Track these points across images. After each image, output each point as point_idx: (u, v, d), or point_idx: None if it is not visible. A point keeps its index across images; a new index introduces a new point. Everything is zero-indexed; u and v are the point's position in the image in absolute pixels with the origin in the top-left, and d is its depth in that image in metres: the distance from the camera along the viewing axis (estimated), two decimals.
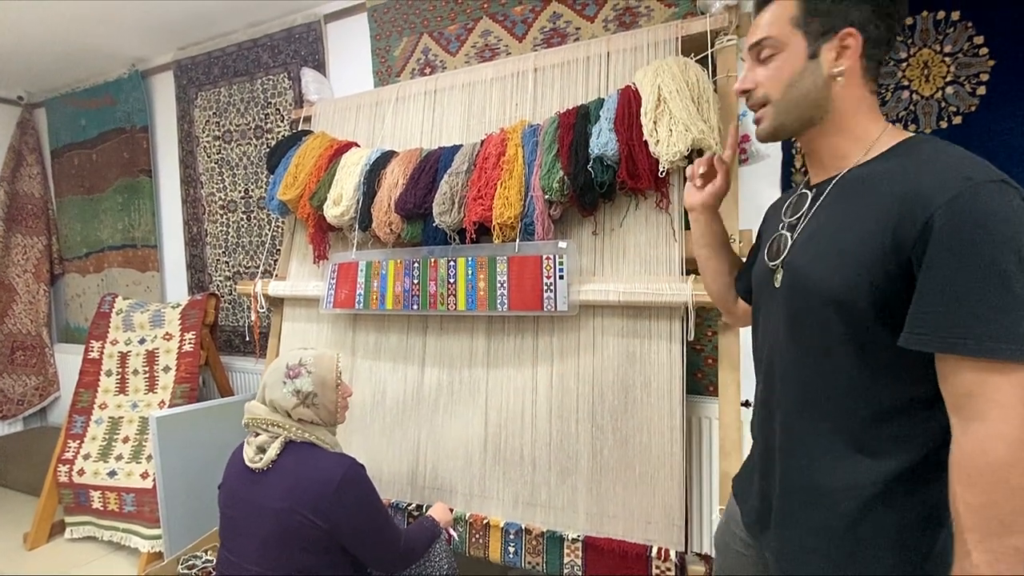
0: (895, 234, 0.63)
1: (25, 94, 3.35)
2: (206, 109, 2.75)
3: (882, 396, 0.68)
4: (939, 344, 0.61)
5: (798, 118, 0.76)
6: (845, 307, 0.68)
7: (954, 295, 0.59)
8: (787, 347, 0.77)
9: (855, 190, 0.71)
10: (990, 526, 0.58)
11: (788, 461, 0.77)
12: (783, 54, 0.75)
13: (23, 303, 3.31)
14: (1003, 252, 0.58)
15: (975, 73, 1.40)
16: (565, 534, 1.49)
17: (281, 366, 1.20)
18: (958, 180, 0.62)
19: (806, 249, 0.75)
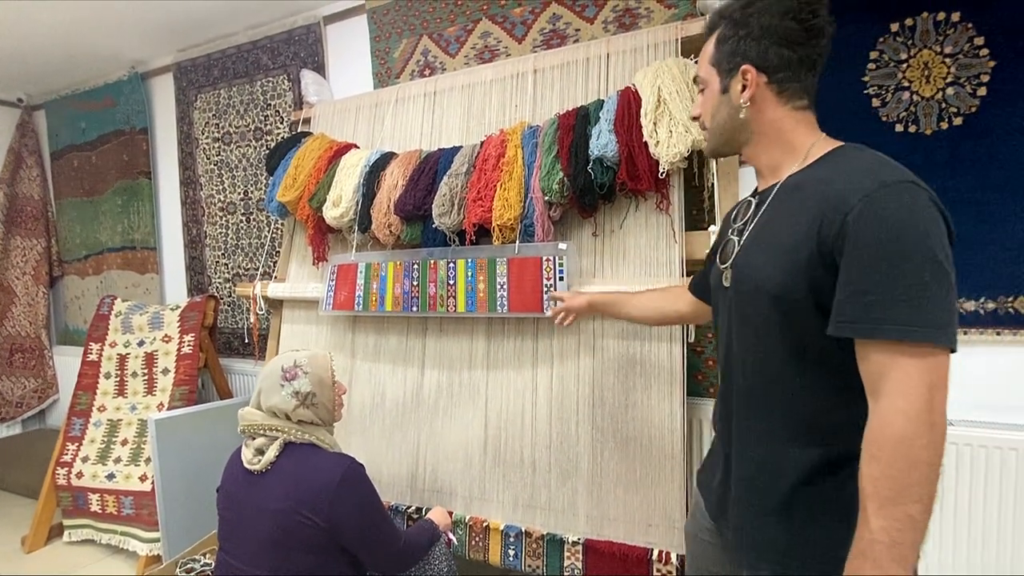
0: (820, 232, 0.69)
1: (25, 96, 3.35)
2: (206, 111, 2.75)
3: (819, 386, 0.74)
4: (857, 331, 0.66)
5: (727, 141, 0.87)
6: (785, 302, 0.74)
7: (869, 286, 0.65)
8: (738, 342, 0.83)
9: (792, 195, 0.78)
10: (888, 495, 0.62)
11: (741, 450, 0.83)
12: (708, 89, 0.86)
13: (22, 305, 3.31)
14: (911, 246, 0.64)
15: (976, 74, 1.40)
16: (565, 537, 1.48)
17: (276, 370, 1.19)
18: (872, 182, 0.67)
19: (751, 250, 0.82)
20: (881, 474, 0.63)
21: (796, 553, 0.76)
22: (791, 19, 0.77)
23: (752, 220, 0.84)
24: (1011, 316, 1.41)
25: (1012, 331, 1.41)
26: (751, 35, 0.79)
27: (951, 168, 1.43)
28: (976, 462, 1.38)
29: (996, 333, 1.42)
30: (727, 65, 0.82)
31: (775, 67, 0.79)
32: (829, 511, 0.74)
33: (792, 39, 0.78)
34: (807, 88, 0.81)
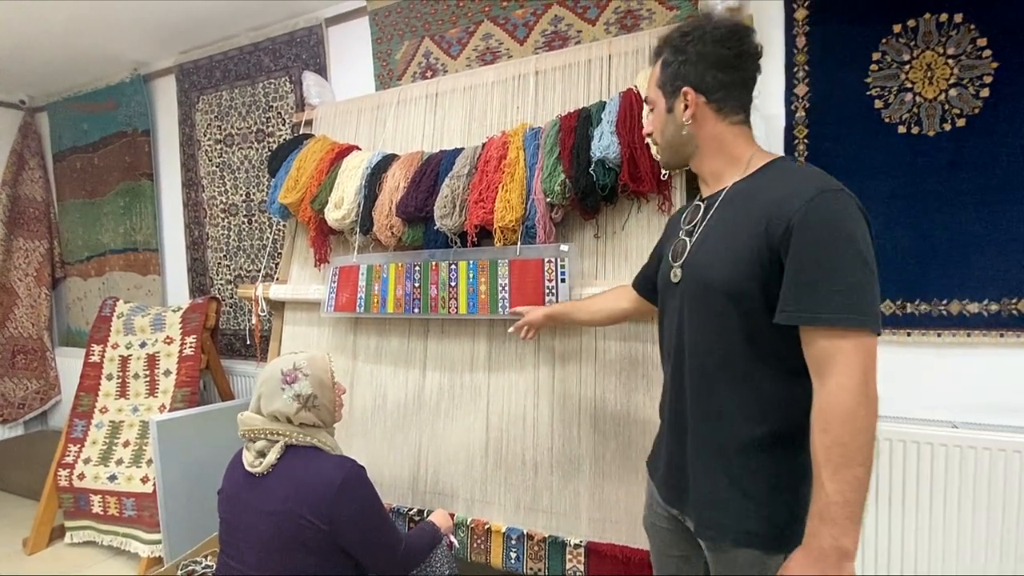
0: (767, 233, 0.79)
1: (27, 98, 3.36)
2: (208, 113, 2.75)
3: (768, 369, 0.83)
4: (799, 318, 0.76)
5: (675, 155, 0.96)
6: (736, 295, 0.82)
7: (810, 280, 0.75)
8: (690, 333, 0.90)
9: (738, 200, 0.88)
10: (839, 460, 0.72)
11: (698, 431, 0.90)
12: (656, 109, 0.96)
13: (24, 307, 3.31)
14: (844, 245, 0.74)
15: (979, 75, 1.40)
16: (567, 539, 1.48)
17: (275, 373, 1.18)
18: (811, 189, 0.78)
19: (702, 250, 0.90)
20: (832, 443, 0.72)
21: (754, 522, 0.83)
22: (723, 47, 0.87)
23: (701, 223, 0.93)
24: (1015, 318, 1.40)
25: (1016, 333, 1.40)
26: (689, 60, 0.89)
27: (954, 170, 1.43)
28: (980, 465, 1.38)
29: (1000, 335, 1.41)
30: (670, 88, 0.92)
31: (712, 88, 0.89)
32: (782, 480, 0.82)
33: (725, 63, 0.88)
34: (743, 105, 0.91)
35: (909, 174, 1.47)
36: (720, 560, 0.88)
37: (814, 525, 0.74)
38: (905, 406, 1.51)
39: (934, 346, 1.48)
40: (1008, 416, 1.42)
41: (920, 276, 1.48)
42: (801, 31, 1.57)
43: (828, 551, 0.72)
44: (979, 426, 1.42)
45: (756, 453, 0.84)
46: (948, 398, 1.47)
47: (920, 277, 1.48)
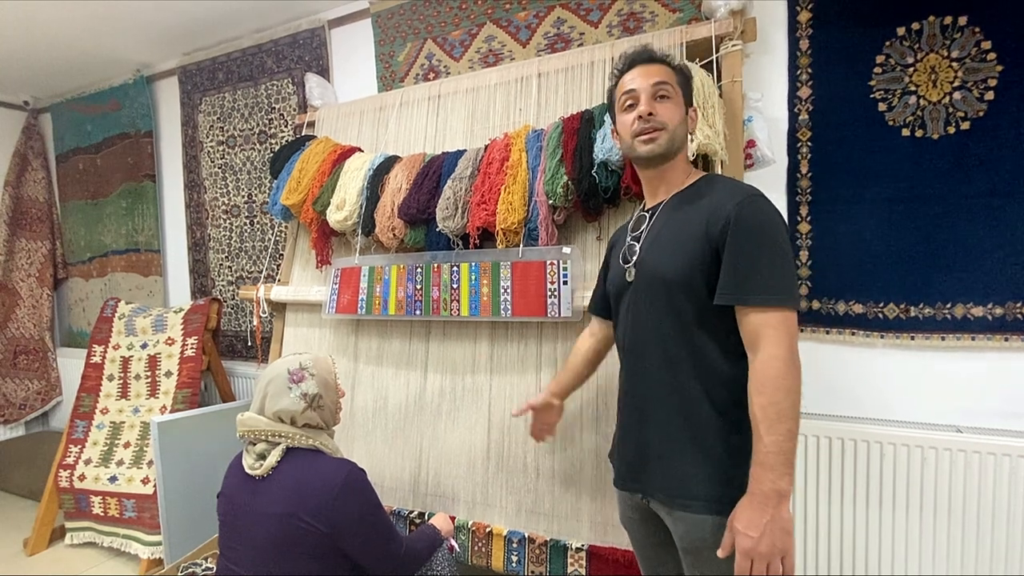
0: (707, 231, 0.94)
1: (31, 99, 3.37)
2: (210, 114, 2.76)
3: (718, 349, 0.95)
4: (735, 299, 0.90)
5: (675, 148, 1.04)
6: (686, 286, 0.96)
7: (742, 266, 0.90)
8: (648, 322, 1.01)
9: (680, 207, 1.03)
10: (773, 417, 0.84)
11: (664, 406, 0.99)
12: (673, 101, 1.04)
13: (26, 307, 3.32)
14: (769, 238, 0.90)
15: (983, 78, 1.40)
16: (569, 543, 1.47)
17: (282, 372, 1.18)
18: (740, 194, 0.94)
19: (652, 251, 1.03)
20: (767, 403, 0.85)
21: (721, 488, 0.92)
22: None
23: (648, 228, 1.07)
24: (1019, 321, 1.39)
25: (1020, 337, 1.39)
26: (690, 91, 1.10)
27: (958, 173, 1.42)
28: (985, 469, 1.37)
29: (1004, 339, 1.41)
30: (687, 98, 1.07)
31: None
32: (745, 448, 0.90)
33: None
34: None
35: (913, 177, 1.47)
36: (689, 530, 0.95)
37: (756, 473, 0.85)
38: (909, 410, 1.51)
39: (938, 350, 1.48)
40: (1013, 421, 1.41)
41: (924, 279, 1.47)
42: (804, 34, 1.57)
43: (769, 493, 0.83)
44: (984, 430, 1.42)
45: (716, 425, 0.94)
46: (952, 402, 1.47)
47: (924, 280, 1.47)
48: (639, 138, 1.04)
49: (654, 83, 1.03)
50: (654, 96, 1.03)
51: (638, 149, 1.04)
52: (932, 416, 1.48)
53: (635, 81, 1.04)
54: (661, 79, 1.03)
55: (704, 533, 0.93)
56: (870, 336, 1.53)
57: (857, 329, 1.54)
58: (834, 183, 1.54)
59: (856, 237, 1.53)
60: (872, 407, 1.54)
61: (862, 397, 1.55)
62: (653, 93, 1.03)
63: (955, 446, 1.39)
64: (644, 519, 1.09)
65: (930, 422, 1.48)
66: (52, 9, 2.28)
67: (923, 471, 1.42)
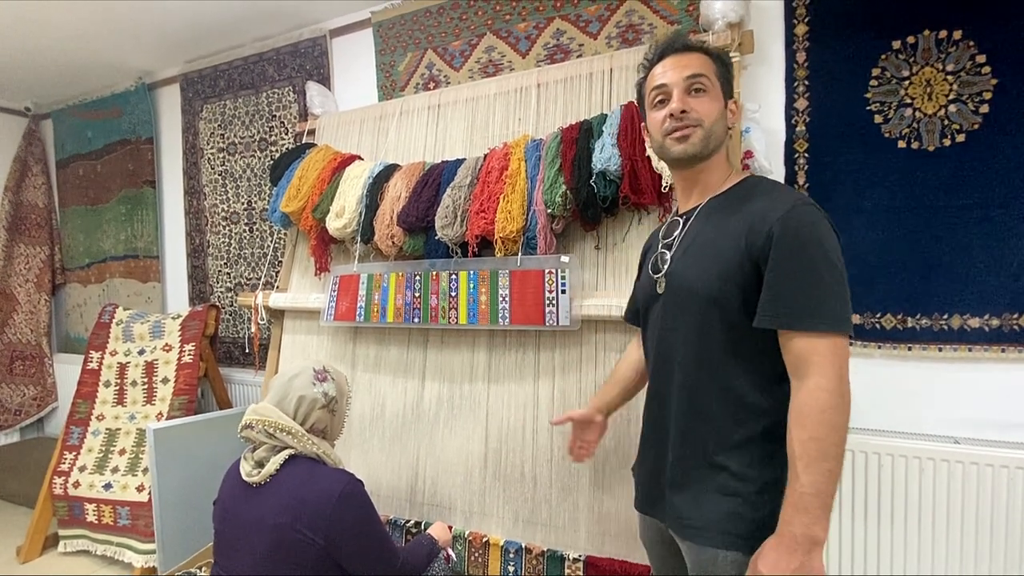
0: (747, 243, 0.84)
1: (32, 105, 3.38)
2: (211, 121, 2.77)
3: (748, 373, 0.86)
4: (778, 323, 0.81)
5: (711, 147, 0.94)
6: (719, 302, 0.86)
7: (789, 286, 0.80)
8: (674, 338, 0.93)
9: (717, 214, 0.93)
10: (814, 454, 0.76)
11: (683, 430, 0.91)
12: (711, 93, 0.93)
13: (24, 312, 3.31)
14: (819, 254, 0.80)
15: (978, 91, 1.41)
16: (566, 553, 1.46)
17: (307, 369, 1.21)
18: (787, 203, 0.84)
19: (683, 261, 0.94)
20: (808, 438, 0.76)
21: (740, 524, 0.85)
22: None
23: (680, 236, 0.97)
24: (1016, 333, 1.40)
25: (1017, 348, 1.40)
26: (730, 80, 0.97)
27: (954, 185, 1.43)
28: (983, 481, 1.37)
29: (1001, 350, 1.41)
30: (727, 89, 0.96)
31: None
32: (767, 482, 0.84)
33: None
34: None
35: (909, 188, 1.47)
36: (700, 562, 0.89)
37: (788, 514, 0.77)
38: (906, 421, 1.50)
39: (935, 361, 1.48)
40: (1010, 432, 1.41)
41: (921, 291, 1.48)
42: (801, 46, 1.58)
43: (800, 538, 0.75)
44: (981, 442, 1.41)
45: (739, 456, 0.86)
46: (950, 413, 1.47)
47: (921, 292, 1.48)
48: (671, 136, 0.93)
49: (687, 76, 0.92)
50: (688, 90, 0.92)
51: (670, 149, 0.94)
52: (929, 427, 1.48)
53: (666, 75, 0.94)
54: (696, 71, 0.92)
55: (715, 568, 0.86)
56: (867, 347, 1.53)
57: (854, 340, 1.54)
58: (831, 194, 1.55)
59: (853, 248, 1.53)
60: (869, 418, 1.54)
61: (859, 408, 1.55)
62: (687, 87, 0.92)
63: (952, 457, 1.39)
64: (662, 541, 1.02)
65: (927, 433, 1.48)
66: (55, 16, 2.30)
67: (920, 482, 1.42)
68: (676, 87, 0.92)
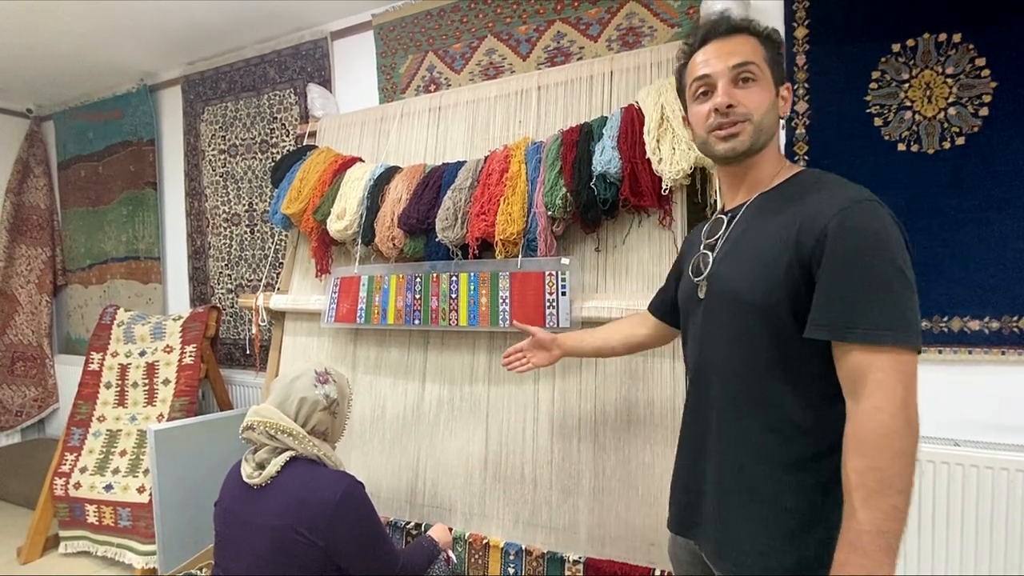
0: (797, 245, 0.75)
1: (34, 107, 3.39)
2: (212, 123, 2.78)
3: (798, 386, 0.77)
4: (834, 333, 0.71)
5: (761, 142, 0.85)
6: (765, 310, 0.78)
7: (844, 292, 0.70)
8: (715, 350, 0.85)
9: (765, 212, 0.83)
10: (873, 487, 0.66)
11: (723, 450, 0.84)
12: (760, 84, 0.84)
13: (25, 314, 3.31)
14: (881, 257, 0.70)
15: (978, 94, 1.41)
16: (566, 555, 1.47)
17: (309, 371, 1.21)
18: (843, 199, 0.73)
19: (727, 263, 0.85)
20: (866, 467, 0.66)
21: (783, 558, 0.77)
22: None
23: (724, 236, 0.88)
24: (1016, 335, 1.40)
25: (1017, 351, 1.40)
26: (781, 62, 0.86)
27: (953, 187, 1.44)
28: (983, 483, 1.37)
29: (1001, 353, 1.41)
30: (778, 74, 0.86)
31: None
32: (814, 513, 0.76)
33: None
34: None
35: (909, 191, 1.48)
36: None
37: (843, 555, 0.67)
38: None
39: (935, 363, 1.48)
40: (1010, 435, 1.41)
41: (921, 293, 1.46)
42: (801, 49, 1.59)
43: None
44: (981, 444, 1.41)
45: (785, 482, 0.77)
46: (949, 416, 1.47)
47: (921, 294, 1.46)
48: (716, 134, 0.84)
49: (734, 65, 0.82)
50: (735, 81, 0.83)
51: (715, 147, 0.85)
52: (929, 429, 1.48)
53: (710, 64, 0.84)
54: (743, 58, 0.82)
55: None
56: None
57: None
58: None
59: None
60: None
61: None
62: (734, 77, 0.82)
63: (953, 459, 1.39)
64: (693, 562, 0.95)
65: (927, 435, 1.48)
66: (57, 18, 2.31)
67: (920, 484, 1.42)
68: (721, 78, 0.83)
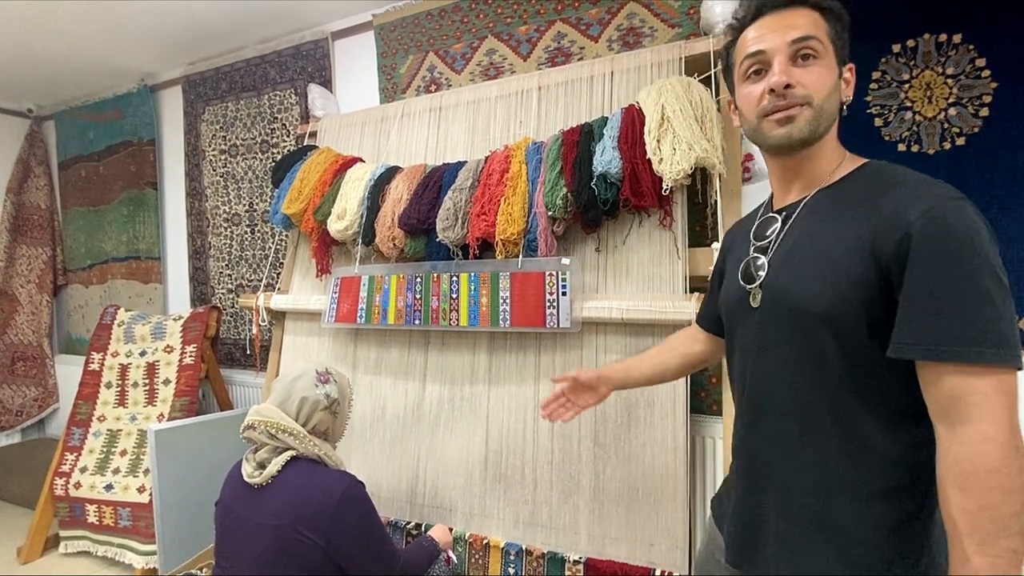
0: (873, 249, 0.66)
1: (35, 107, 3.39)
2: (213, 123, 2.78)
3: (874, 411, 0.69)
4: (925, 352, 0.62)
5: (821, 129, 0.75)
6: (835, 323, 0.69)
7: (936, 304, 0.61)
8: (777, 367, 0.76)
9: (828, 211, 0.74)
10: (987, 529, 0.58)
11: (788, 488, 0.75)
12: (823, 62, 0.74)
13: (25, 313, 3.32)
14: (977, 263, 0.61)
15: (978, 95, 1.41)
16: (566, 555, 1.47)
17: (310, 371, 1.22)
18: (928, 197, 0.65)
19: (785, 269, 0.76)
20: (977, 507, 0.58)
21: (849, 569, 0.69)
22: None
23: (779, 237, 0.78)
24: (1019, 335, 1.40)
25: None
26: (846, 39, 0.77)
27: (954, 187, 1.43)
28: None
29: None
30: (842, 52, 0.76)
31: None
32: (897, 551, 0.68)
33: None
34: None
35: None
36: None
37: None
38: None
39: None
40: None
41: None
42: None
43: None
44: None
45: (864, 516, 0.69)
46: None
47: None
48: (770, 118, 0.75)
49: (793, 40, 0.73)
50: (793, 58, 0.73)
51: (768, 134, 0.76)
52: None
53: (764, 39, 0.74)
54: (804, 32, 0.73)
55: None
56: None
57: None
58: None
59: None
60: None
61: None
62: (792, 54, 0.73)
63: None
64: None
65: None
66: (57, 18, 2.31)
67: None
68: (778, 55, 0.73)
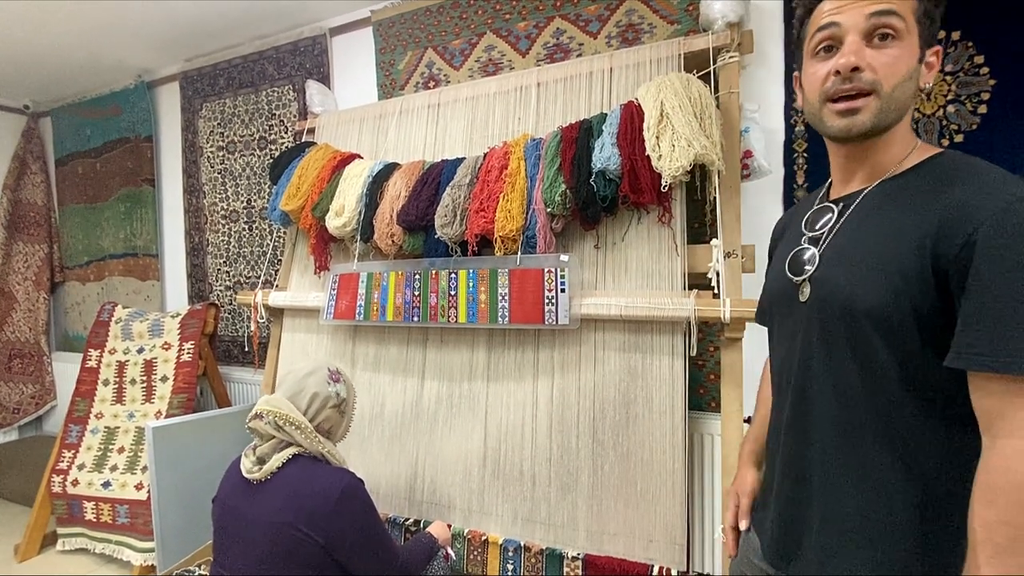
0: (935, 247, 0.62)
1: (31, 103, 3.38)
2: (210, 120, 2.77)
3: (928, 417, 0.66)
4: (982, 363, 0.59)
5: (889, 120, 0.69)
6: (886, 323, 0.65)
7: (997, 313, 0.57)
8: (824, 366, 0.72)
9: (890, 203, 0.69)
10: (1003, 543, 0.56)
11: (829, 484, 0.72)
12: (902, 44, 0.67)
13: (22, 311, 3.30)
14: None
15: (976, 92, 1.41)
16: (565, 552, 1.47)
17: (322, 368, 1.23)
18: (1001, 196, 0.59)
19: (838, 263, 0.72)
20: (997, 520, 0.57)
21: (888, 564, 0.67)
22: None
23: (833, 229, 0.74)
24: None
25: None
26: (936, 19, 0.69)
27: None
28: None
29: None
30: (929, 33, 0.68)
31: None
32: (930, 550, 0.66)
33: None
34: None
35: None
36: None
37: None
38: None
39: None
40: None
41: None
42: None
43: None
44: None
45: (912, 524, 0.66)
46: None
47: None
48: (832, 106, 0.70)
49: (872, 13, 0.66)
50: (869, 36, 0.67)
51: (827, 123, 0.71)
52: None
53: (842, 11, 0.68)
54: (886, 6, 0.66)
55: None
56: None
57: None
58: None
59: None
60: None
61: None
62: (868, 30, 0.67)
63: None
64: None
65: None
66: (54, 14, 2.30)
67: None
68: (852, 31, 0.67)
